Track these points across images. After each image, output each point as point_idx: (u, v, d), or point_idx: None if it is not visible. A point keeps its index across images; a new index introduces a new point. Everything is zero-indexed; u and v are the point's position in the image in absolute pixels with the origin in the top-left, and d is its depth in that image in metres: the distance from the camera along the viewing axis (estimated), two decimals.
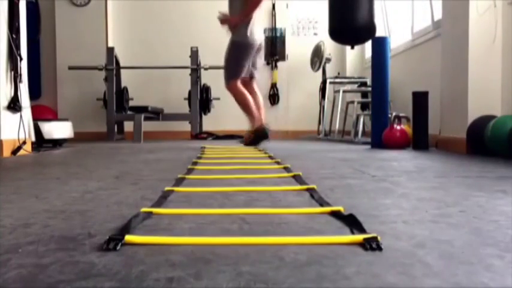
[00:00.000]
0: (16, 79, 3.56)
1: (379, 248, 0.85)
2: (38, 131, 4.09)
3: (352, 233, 0.97)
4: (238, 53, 4.13)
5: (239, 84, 4.16)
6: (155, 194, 1.49)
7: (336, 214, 1.16)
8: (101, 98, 6.33)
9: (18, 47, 3.59)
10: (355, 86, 6.05)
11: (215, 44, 5.65)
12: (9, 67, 3.54)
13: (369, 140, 4.32)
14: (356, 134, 5.25)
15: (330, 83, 6.18)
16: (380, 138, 4.01)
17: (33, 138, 3.87)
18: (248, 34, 4.08)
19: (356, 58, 7.00)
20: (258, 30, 4.21)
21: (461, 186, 1.68)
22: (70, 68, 6.24)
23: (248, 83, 4.28)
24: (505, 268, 0.75)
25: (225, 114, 6.52)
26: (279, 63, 7.15)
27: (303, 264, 0.77)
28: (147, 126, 6.11)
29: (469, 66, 3.42)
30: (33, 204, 1.35)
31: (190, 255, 0.82)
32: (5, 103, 3.47)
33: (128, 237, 0.91)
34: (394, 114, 4.03)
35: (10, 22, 3.53)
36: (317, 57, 6.45)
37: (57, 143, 4.46)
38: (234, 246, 0.89)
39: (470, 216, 1.15)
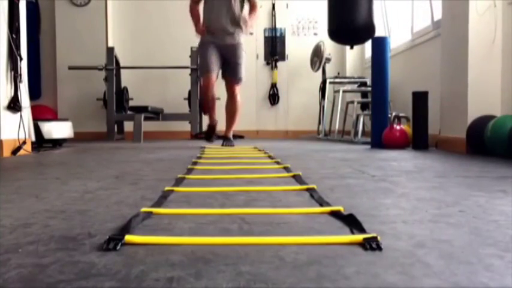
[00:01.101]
0: (16, 79, 3.56)
1: (378, 247, 0.85)
2: (38, 131, 4.09)
3: (352, 232, 0.97)
4: None
5: None
6: (155, 194, 1.49)
7: (335, 214, 1.16)
8: (101, 98, 6.34)
9: (18, 47, 3.59)
10: (355, 86, 6.05)
11: None
12: (9, 67, 3.54)
13: (369, 140, 4.32)
14: (356, 134, 5.25)
15: (330, 83, 6.18)
16: (380, 138, 4.01)
17: (33, 138, 3.87)
18: None
19: (356, 58, 7.00)
20: None
21: (461, 186, 1.68)
22: (70, 68, 6.24)
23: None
24: (504, 268, 0.75)
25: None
26: (279, 63, 7.15)
27: (303, 264, 0.77)
28: (147, 126, 6.11)
29: (469, 66, 3.42)
30: (33, 204, 1.35)
31: (190, 255, 0.82)
32: (5, 103, 3.47)
33: (128, 237, 0.91)
34: (394, 114, 4.03)
35: (10, 22, 3.53)
36: (317, 57, 6.45)
37: (57, 143, 4.46)
38: (234, 246, 0.89)
39: (470, 216, 1.15)
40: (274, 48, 7.14)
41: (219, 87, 4.56)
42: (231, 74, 4.23)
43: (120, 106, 6.20)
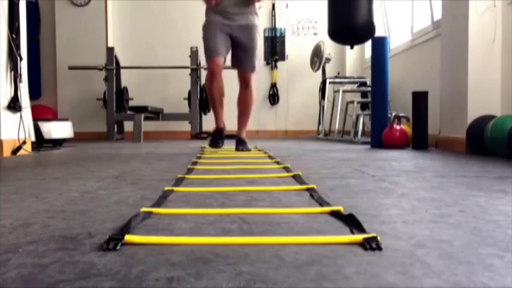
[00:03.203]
0: (16, 79, 3.57)
1: (378, 247, 0.85)
2: (38, 131, 4.10)
3: (352, 232, 0.97)
4: None
5: None
6: (155, 194, 1.49)
7: (335, 214, 1.16)
8: (101, 98, 6.34)
9: (18, 47, 3.59)
10: (355, 86, 6.06)
11: None
12: (9, 67, 3.54)
13: (369, 140, 4.32)
14: (356, 134, 5.25)
15: (330, 83, 6.19)
16: (380, 138, 4.01)
17: (33, 138, 3.88)
18: None
19: (356, 58, 7.00)
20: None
21: (461, 186, 1.68)
22: (70, 68, 6.24)
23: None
24: (504, 268, 0.75)
25: (225, 114, 6.52)
26: (279, 63, 7.15)
27: (303, 264, 0.77)
28: (147, 126, 6.11)
29: (469, 66, 3.42)
30: (33, 204, 1.35)
31: (190, 255, 0.82)
32: (5, 103, 3.47)
33: (128, 237, 0.91)
34: (393, 114, 4.03)
35: (10, 22, 3.53)
36: (317, 57, 6.45)
37: (57, 143, 4.46)
38: (234, 246, 0.89)
39: (469, 216, 1.15)
40: (274, 48, 7.14)
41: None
42: (245, 60, 3.57)
43: (120, 106, 6.20)
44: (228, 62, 3.69)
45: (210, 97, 3.72)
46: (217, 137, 3.66)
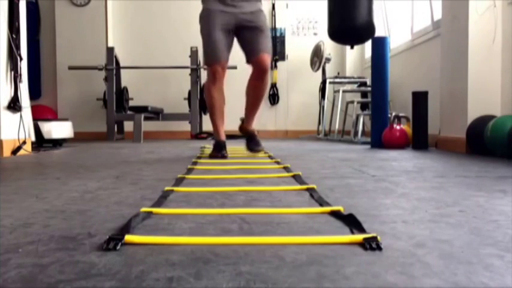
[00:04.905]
0: (16, 79, 3.57)
1: (378, 247, 0.85)
2: (38, 131, 4.10)
3: (352, 232, 0.97)
4: None
5: None
6: (155, 194, 1.49)
7: (335, 214, 1.16)
8: (101, 98, 6.34)
9: (18, 47, 3.59)
10: (354, 86, 6.05)
11: None
12: (9, 67, 3.54)
13: (369, 140, 4.32)
14: (356, 134, 5.25)
15: (330, 83, 6.18)
16: (380, 138, 4.01)
17: (33, 138, 3.88)
18: None
19: (356, 58, 7.00)
20: None
21: (461, 186, 1.68)
22: (70, 68, 6.24)
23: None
24: (504, 268, 0.75)
25: (225, 114, 6.51)
26: (279, 63, 7.15)
27: (303, 264, 0.77)
28: (147, 126, 6.11)
29: (469, 66, 3.42)
30: (33, 204, 1.35)
31: (190, 255, 0.82)
32: (5, 103, 3.47)
33: (128, 237, 0.91)
34: (393, 114, 4.03)
35: (10, 22, 3.53)
36: (317, 57, 6.45)
37: (57, 142, 4.46)
38: (234, 246, 0.89)
39: (469, 216, 1.15)
40: (274, 48, 7.13)
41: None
42: (260, 40, 3.08)
43: (120, 106, 6.20)
44: (230, 62, 3.32)
45: (210, 104, 3.22)
46: (219, 149, 3.09)
